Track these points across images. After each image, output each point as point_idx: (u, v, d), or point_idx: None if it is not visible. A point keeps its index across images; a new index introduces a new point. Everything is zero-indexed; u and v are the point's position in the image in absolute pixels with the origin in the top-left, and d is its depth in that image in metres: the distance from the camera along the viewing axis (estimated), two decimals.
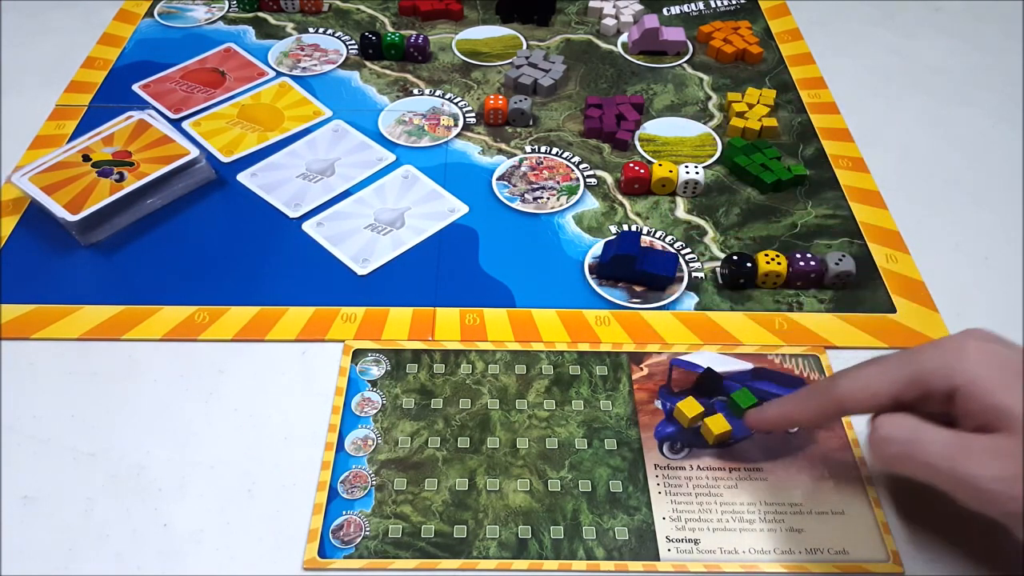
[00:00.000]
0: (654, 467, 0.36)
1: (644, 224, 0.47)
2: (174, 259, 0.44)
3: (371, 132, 0.53)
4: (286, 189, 0.48)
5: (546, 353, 0.40)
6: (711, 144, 0.53)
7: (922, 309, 0.43)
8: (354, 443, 0.36)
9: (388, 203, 0.48)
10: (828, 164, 0.52)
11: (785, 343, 0.41)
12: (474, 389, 0.39)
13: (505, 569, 0.33)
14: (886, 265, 0.45)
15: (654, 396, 0.39)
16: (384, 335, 0.41)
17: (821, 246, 0.46)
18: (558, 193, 0.49)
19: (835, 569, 0.33)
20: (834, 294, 0.44)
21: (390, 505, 0.34)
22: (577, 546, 0.33)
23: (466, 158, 0.51)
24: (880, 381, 0.29)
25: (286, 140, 0.52)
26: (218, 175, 0.49)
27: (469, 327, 0.41)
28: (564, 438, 0.37)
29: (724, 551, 0.33)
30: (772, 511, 0.35)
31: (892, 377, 0.29)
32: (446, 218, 0.47)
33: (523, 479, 0.35)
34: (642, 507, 0.35)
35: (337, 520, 0.34)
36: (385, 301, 0.43)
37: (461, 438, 0.37)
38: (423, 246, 0.46)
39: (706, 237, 0.47)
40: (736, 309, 0.43)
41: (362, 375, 0.39)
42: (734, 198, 0.49)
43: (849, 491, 0.35)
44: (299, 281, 0.43)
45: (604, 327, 0.42)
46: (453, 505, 0.34)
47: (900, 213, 0.48)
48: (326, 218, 0.47)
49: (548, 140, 0.53)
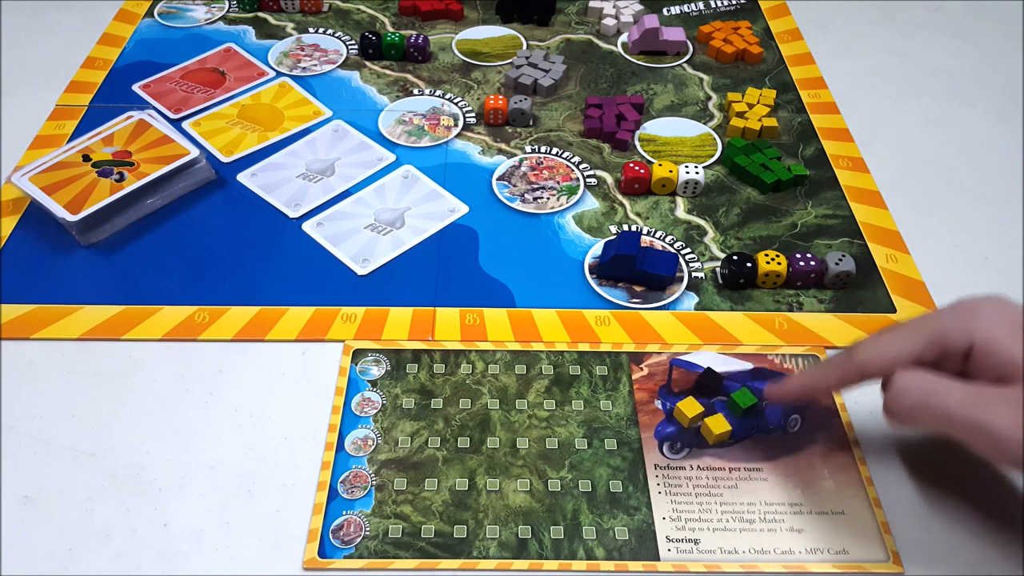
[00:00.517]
0: (654, 467, 0.36)
1: (644, 224, 0.47)
2: (174, 259, 0.44)
3: (371, 132, 0.53)
4: (286, 189, 0.48)
5: (546, 353, 0.40)
6: (711, 144, 0.53)
7: (922, 309, 0.43)
8: (354, 443, 0.36)
9: (388, 203, 0.48)
10: (828, 164, 0.52)
11: (785, 343, 0.41)
12: (474, 389, 0.39)
13: (505, 569, 0.33)
14: (886, 265, 0.45)
15: (654, 396, 0.39)
16: (384, 335, 0.41)
17: (821, 246, 0.46)
18: (558, 193, 0.49)
19: (835, 569, 0.33)
20: (834, 294, 0.44)
21: (390, 505, 0.34)
22: (577, 546, 0.33)
23: (466, 158, 0.51)
24: (900, 345, 0.31)
25: (286, 140, 0.52)
26: (218, 175, 0.49)
27: (469, 327, 0.41)
28: (564, 438, 0.37)
29: (724, 551, 0.33)
30: (772, 511, 0.35)
31: (912, 340, 0.31)
32: (446, 218, 0.47)
33: (523, 479, 0.35)
34: (642, 507, 0.35)
35: (337, 520, 0.34)
36: (385, 301, 0.43)
37: (461, 438, 0.37)
38: (423, 246, 0.46)
39: (706, 237, 0.47)
40: (736, 309, 0.43)
41: (362, 375, 0.39)
42: (734, 198, 0.49)
43: (849, 491, 0.35)
44: (299, 281, 0.43)
45: (604, 327, 0.42)
46: (453, 505, 0.34)
47: (900, 213, 0.48)
48: (326, 218, 0.47)
49: (548, 140, 0.53)
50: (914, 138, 0.54)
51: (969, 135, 0.54)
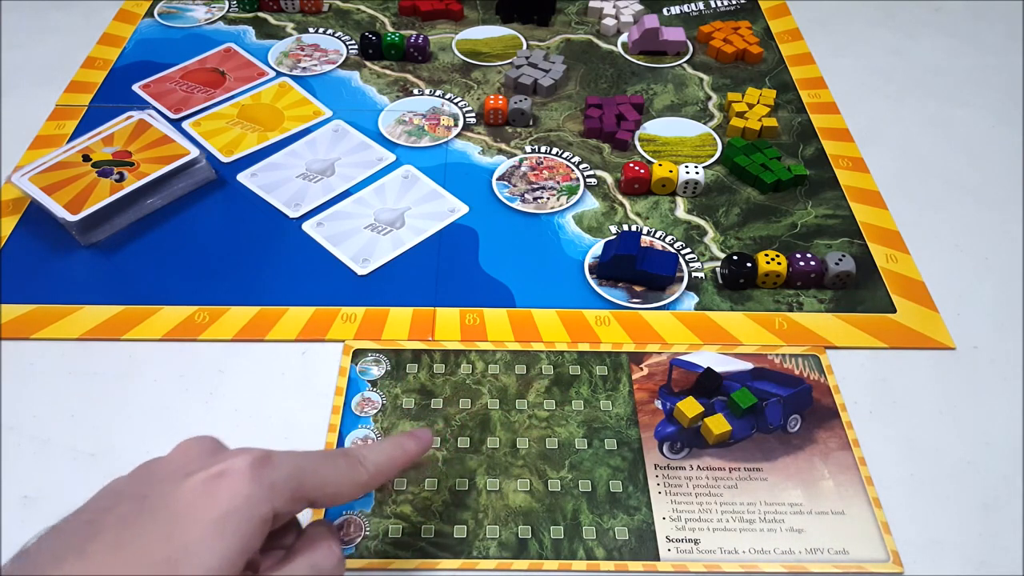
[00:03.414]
0: (654, 467, 0.36)
1: (644, 224, 0.47)
2: (174, 259, 0.44)
3: (371, 132, 0.53)
4: (286, 189, 0.48)
5: (546, 353, 0.40)
6: (711, 144, 0.53)
7: (922, 309, 0.43)
8: (354, 443, 0.36)
9: (388, 203, 0.48)
10: (828, 164, 0.51)
11: (785, 343, 0.41)
12: (474, 389, 0.39)
13: (505, 569, 0.33)
14: (886, 265, 0.45)
15: (654, 396, 0.39)
16: (384, 335, 0.41)
17: (821, 246, 0.46)
18: (558, 193, 0.49)
19: (835, 569, 0.33)
20: (834, 294, 0.44)
21: (390, 505, 0.34)
22: (577, 546, 0.33)
23: (466, 158, 0.51)
24: None
25: (286, 140, 0.52)
26: (218, 175, 0.49)
27: (469, 327, 0.41)
28: (564, 438, 0.37)
29: (724, 551, 0.33)
30: (772, 511, 0.35)
31: None
32: (446, 218, 0.47)
33: (523, 479, 0.35)
34: (642, 507, 0.35)
35: (337, 520, 0.34)
36: (385, 301, 0.43)
37: (461, 438, 0.37)
38: (423, 246, 0.46)
39: (706, 237, 0.47)
40: (736, 309, 0.43)
41: (362, 375, 0.39)
42: (734, 198, 0.49)
43: (849, 491, 0.35)
44: (299, 281, 0.43)
45: (604, 327, 0.42)
46: (453, 505, 0.34)
47: (900, 213, 0.48)
48: (326, 218, 0.47)
49: (548, 140, 0.53)
50: (914, 138, 0.54)
51: (969, 135, 0.54)
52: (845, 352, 0.41)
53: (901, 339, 0.42)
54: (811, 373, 0.40)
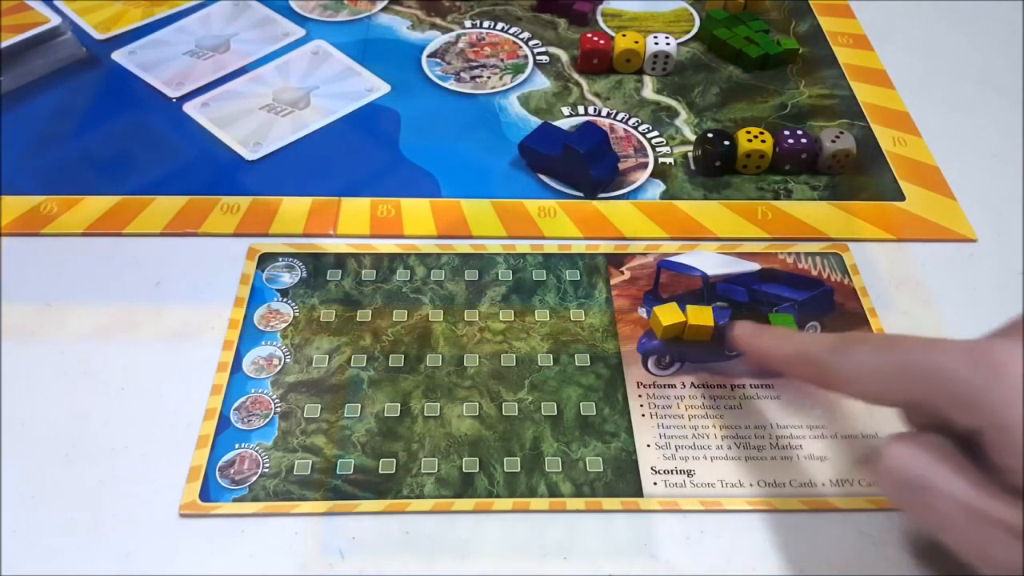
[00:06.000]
0: (636, 385, 0.29)
1: (604, 106, 0.39)
2: (21, 143, 0.36)
3: (280, 7, 0.44)
4: (168, 67, 0.40)
5: (504, 256, 0.33)
6: (687, 20, 0.44)
7: (936, 196, 0.36)
8: (255, 363, 0.29)
9: (292, 82, 0.40)
10: (825, 41, 0.43)
11: (769, 235, 0.34)
12: (412, 298, 0.31)
13: (444, 510, 0.26)
14: (893, 148, 0.38)
15: (637, 303, 0.31)
16: (273, 228, 0.33)
17: (815, 128, 0.38)
18: (501, 72, 0.41)
19: (869, 505, 0.26)
20: (830, 180, 0.36)
21: (297, 436, 0.27)
22: (537, 481, 0.26)
23: (391, 33, 0.43)
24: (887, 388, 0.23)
25: (176, 16, 0.43)
26: (89, 53, 0.41)
27: (381, 219, 0.34)
28: (524, 353, 0.30)
29: (726, 484, 0.26)
30: (786, 435, 0.28)
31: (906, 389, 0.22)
32: (362, 98, 0.39)
33: (471, 402, 0.28)
34: (620, 432, 0.28)
35: (228, 455, 0.27)
36: (279, 190, 0.35)
37: (393, 355, 0.29)
38: (331, 129, 0.37)
39: (678, 119, 0.39)
40: (710, 198, 0.35)
41: (269, 283, 0.32)
42: (713, 76, 0.41)
43: (884, 409, 0.28)
44: (174, 169, 0.35)
45: (549, 219, 0.34)
46: (380, 435, 0.27)
47: (911, 97, 0.40)
48: (213, 98, 0.39)
49: (493, 15, 0.44)
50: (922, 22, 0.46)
51: (998, 31, 0.46)
52: (858, 245, 0.34)
53: (911, 230, 0.34)
54: (831, 274, 0.32)
